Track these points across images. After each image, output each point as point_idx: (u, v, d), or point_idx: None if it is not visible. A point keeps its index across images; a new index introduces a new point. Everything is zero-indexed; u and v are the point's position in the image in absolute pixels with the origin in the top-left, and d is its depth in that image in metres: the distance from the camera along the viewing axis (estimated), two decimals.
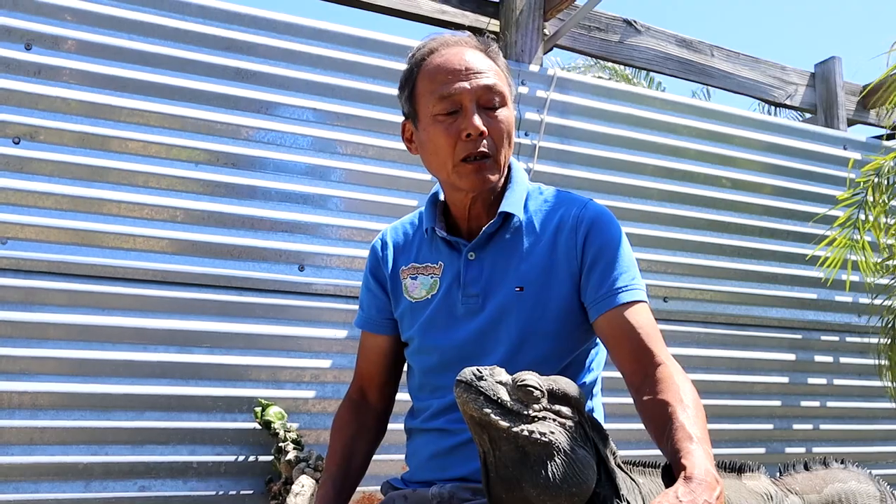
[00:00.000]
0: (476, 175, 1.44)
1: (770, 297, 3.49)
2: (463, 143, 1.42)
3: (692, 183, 3.40)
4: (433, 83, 1.45)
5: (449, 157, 1.44)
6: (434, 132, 1.45)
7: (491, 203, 1.52)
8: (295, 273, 2.66)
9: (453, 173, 1.45)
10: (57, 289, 2.37)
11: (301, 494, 2.31)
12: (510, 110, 1.48)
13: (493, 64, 1.48)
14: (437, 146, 1.46)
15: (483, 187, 1.46)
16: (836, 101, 4.08)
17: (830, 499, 1.64)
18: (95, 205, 2.44)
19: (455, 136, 1.42)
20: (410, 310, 1.58)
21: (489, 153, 1.43)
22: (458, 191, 1.50)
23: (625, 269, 1.45)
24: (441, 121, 1.44)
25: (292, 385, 2.61)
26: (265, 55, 2.72)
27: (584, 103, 3.24)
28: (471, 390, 1.03)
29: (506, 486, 1.04)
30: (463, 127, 1.42)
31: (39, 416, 2.30)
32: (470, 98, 1.43)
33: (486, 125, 1.42)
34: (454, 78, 1.43)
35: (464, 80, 1.42)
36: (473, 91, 1.43)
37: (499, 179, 1.48)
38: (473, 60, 1.45)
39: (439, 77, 1.44)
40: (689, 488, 1.08)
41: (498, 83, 1.45)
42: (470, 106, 1.43)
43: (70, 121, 2.44)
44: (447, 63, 1.45)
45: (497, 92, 1.45)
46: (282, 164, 2.70)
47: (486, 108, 1.44)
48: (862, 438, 3.61)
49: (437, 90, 1.44)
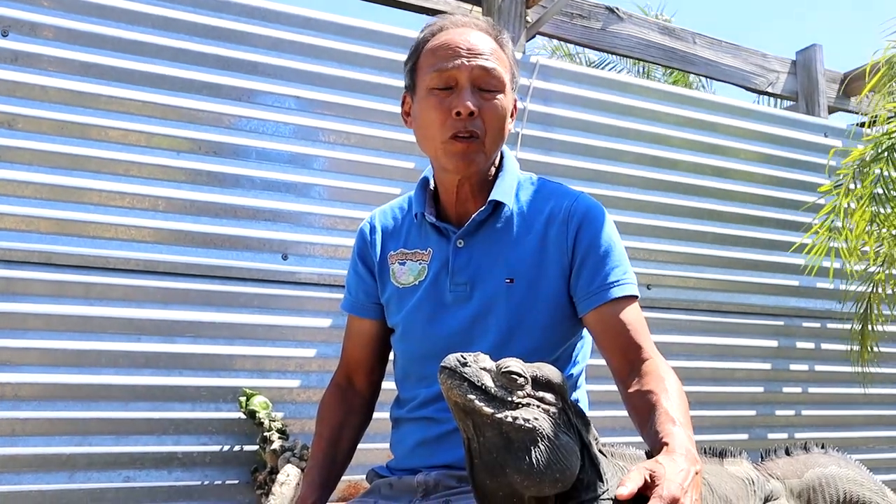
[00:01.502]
0: (462, 156, 1.43)
1: (752, 284, 3.51)
2: (452, 121, 1.42)
3: (675, 171, 3.41)
4: (433, 57, 1.45)
5: (438, 131, 1.44)
6: (427, 105, 1.45)
7: (480, 189, 1.52)
8: (279, 262, 2.65)
9: (440, 149, 1.45)
10: (38, 279, 2.35)
11: (286, 483, 2.31)
12: (507, 98, 1.47)
13: (498, 49, 1.48)
14: (428, 120, 1.46)
15: (467, 170, 1.46)
16: (816, 88, 4.11)
17: (811, 483, 1.66)
18: (76, 194, 2.42)
19: (446, 112, 1.42)
20: (397, 295, 1.57)
21: (478, 134, 1.43)
22: (445, 171, 1.50)
23: (616, 263, 1.45)
24: (436, 95, 1.44)
25: (277, 374, 2.60)
26: (247, 42, 2.70)
27: (567, 91, 3.24)
28: (455, 376, 1.04)
29: (490, 473, 1.04)
30: (455, 104, 1.42)
31: (22, 408, 2.29)
32: (466, 76, 1.42)
33: (478, 106, 1.42)
34: (453, 55, 1.43)
35: (463, 58, 1.43)
36: (470, 70, 1.42)
37: (485, 164, 1.48)
38: (477, 41, 1.45)
39: (440, 52, 1.45)
40: (670, 456, 1.10)
41: (497, 68, 1.45)
42: (465, 84, 1.42)
43: (49, 108, 2.42)
44: (451, 40, 1.45)
45: (495, 76, 1.44)
46: (264, 153, 2.68)
47: (483, 90, 1.44)
48: (843, 424, 3.65)
49: (436, 64, 1.44)
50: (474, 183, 1.51)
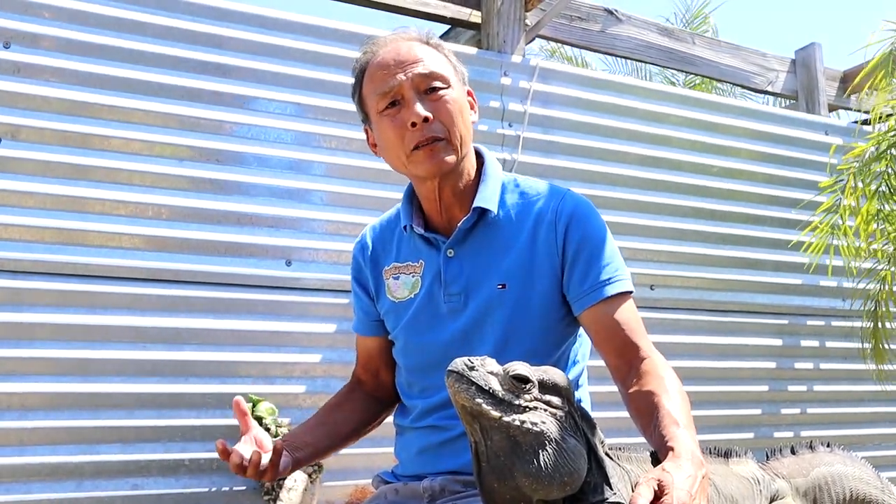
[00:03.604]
0: (430, 160, 1.44)
1: (756, 283, 3.51)
2: (410, 133, 1.43)
3: (677, 171, 3.41)
4: (373, 83, 1.47)
5: (400, 148, 1.45)
6: (383, 128, 1.47)
7: (463, 196, 1.52)
8: (282, 268, 2.65)
9: (409, 163, 1.46)
10: (43, 288, 2.36)
11: (294, 489, 2.31)
12: (456, 91, 1.48)
13: (431, 51, 1.49)
14: (389, 141, 1.47)
15: (440, 170, 1.46)
16: (816, 86, 4.10)
17: (817, 482, 1.66)
18: (79, 203, 2.43)
19: (402, 128, 1.43)
20: (394, 310, 1.57)
21: (440, 136, 1.44)
22: (420, 181, 1.51)
23: (607, 260, 1.44)
24: (387, 115, 1.45)
25: (283, 380, 2.61)
26: (247, 50, 2.71)
27: (567, 93, 3.25)
28: (462, 380, 1.04)
29: (497, 476, 1.05)
30: (406, 116, 1.43)
31: (29, 417, 2.29)
32: (408, 87, 1.43)
33: (430, 110, 1.43)
34: (389, 73, 1.44)
35: (399, 73, 1.44)
36: (410, 80, 1.43)
37: (458, 161, 1.48)
38: (407, 52, 1.46)
39: (377, 75, 1.46)
40: (677, 463, 1.10)
41: (434, 69, 1.46)
42: (410, 95, 1.43)
43: (51, 119, 2.43)
44: (383, 61, 1.47)
45: (436, 76, 1.45)
46: (266, 159, 2.69)
47: (428, 92, 1.45)
48: (848, 421, 3.65)
49: (377, 88, 1.46)
50: (454, 187, 1.51)
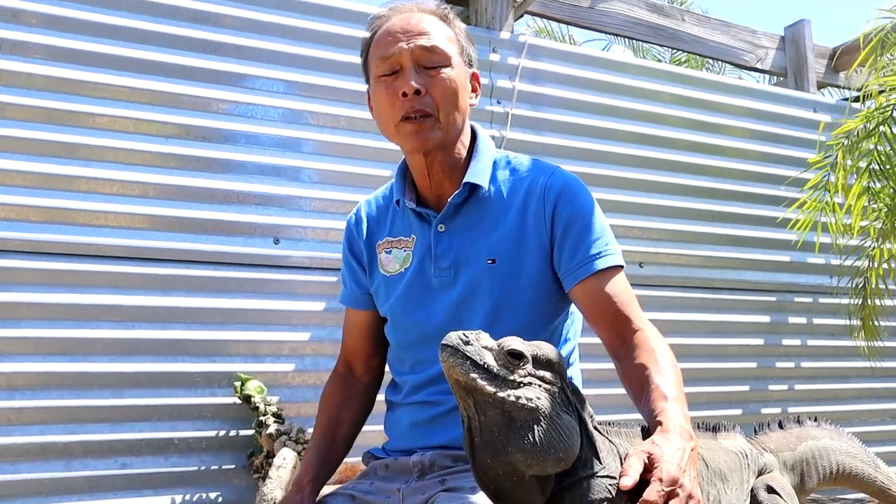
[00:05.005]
0: (416, 135, 1.45)
1: (744, 260, 3.52)
2: (401, 102, 1.44)
3: (666, 148, 3.41)
4: (378, 48, 1.49)
5: (390, 115, 1.47)
6: (378, 93, 1.49)
7: (454, 171, 1.52)
8: (270, 246, 2.64)
9: (395, 133, 1.48)
10: (30, 268, 2.34)
11: (283, 467, 2.32)
12: (456, 71, 1.48)
13: (442, 26, 1.50)
14: (380, 106, 1.49)
15: (424, 147, 1.47)
16: (805, 63, 4.09)
17: (804, 456, 1.68)
18: (65, 181, 2.41)
19: (393, 96, 1.45)
20: (385, 284, 1.58)
21: (429, 112, 1.44)
22: (409, 153, 1.53)
23: (597, 235, 1.45)
24: (383, 81, 1.47)
25: (271, 359, 2.61)
26: (234, 26, 2.68)
27: (557, 70, 3.23)
28: (457, 355, 1.03)
29: (491, 452, 1.04)
30: (399, 86, 1.44)
31: (16, 397, 2.28)
32: (408, 58, 1.45)
33: (424, 84, 1.44)
34: (394, 40, 1.46)
35: (402, 41, 1.45)
36: (410, 51, 1.45)
37: (445, 139, 1.48)
38: (416, 23, 1.48)
39: (383, 41, 1.48)
40: (666, 436, 1.11)
41: (439, 44, 1.46)
42: (408, 65, 1.45)
43: (36, 96, 2.40)
44: (392, 27, 1.48)
45: (437, 52, 1.46)
46: (253, 137, 2.67)
47: (427, 67, 1.46)
48: (835, 397, 3.68)
49: (380, 52, 1.47)
50: (443, 162, 1.51)
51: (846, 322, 3.47)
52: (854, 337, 3.41)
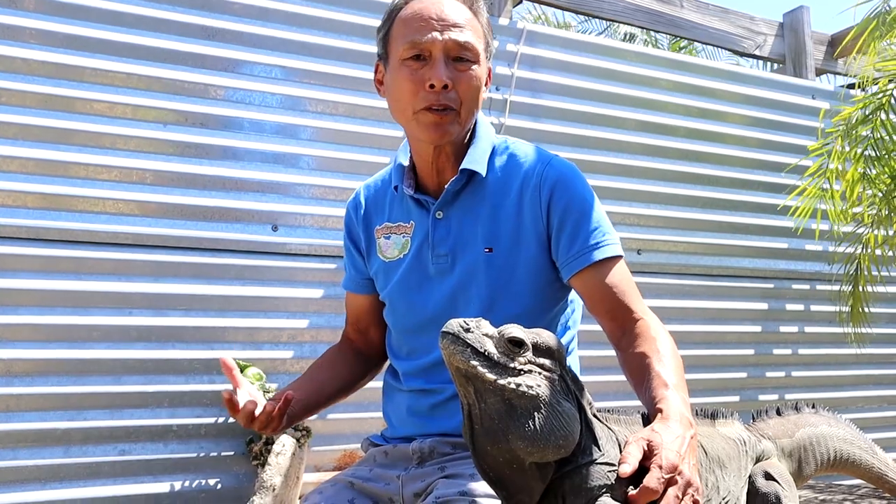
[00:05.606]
0: (435, 128, 1.43)
1: (742, 247, 3.53)
2: (425, 93, 1.41)
3: (665, 135, 3.41)
4: (406, 28, 1.43)
5: (410, 103, 1.43)
6: (400, 76, 1.44)
7: (456, 158, 1.51)
8: (269, 233, 2.64)
9: (413, 120, 1.44)
10: (27, 254, 2.34)
11: (282, 454, 2.32)
12: (482, 68, 1.46)
13: (473, 19, 1.46)
14: (401, 91, 1.44)
15: (441, 140, 1.45)
16: (804, 50, 4.08)
17: (802, 443, 1.68)
18: (62, 168, 2.40)
19: (419, 84, 1.41)
20: (384, 269, 1.57)
21: (452, 107, 1.42)
22: (419, 141, 1.49)
23: (595, 224, 1.43)
24: (408, 66, 1.43)
25: (270, 345, 2.61)
26: (233, 12, 2.67)
27: (555, 56, 3.22)
28: (458, 342, 1.03)
29: (491, 440, 1.04)
30: (428, 76, 1.40)
31: (15, 384, 2.28)
32: (439, 48, 1.41)
33: (452, 78, 1.41)
34: (427, 26, 1.41)
35: (437, 31, 1.41)
36: (444, 42, 1.41)
37: (460, 133, 1.47)
38: (451, 12, 1.43)
39: (414, 23, 1.43)
40: (665, 423, 1.11)
41: (471, 40, 1.43)
42: (438, 56, 1.41)
43: (32, 82, 2.39)
44: (424, 10, 1.43)
45: (469, 48, 1.43)
46: (252, 123, 2.66)
47: (456, 61, 1.43)
48: (832, 384, 3.69)
49: (409, 35, 1.42)
50: (450, 152, 1.50)
51: (843, 309, 3.48)
52: (841, 321, 3.41)
